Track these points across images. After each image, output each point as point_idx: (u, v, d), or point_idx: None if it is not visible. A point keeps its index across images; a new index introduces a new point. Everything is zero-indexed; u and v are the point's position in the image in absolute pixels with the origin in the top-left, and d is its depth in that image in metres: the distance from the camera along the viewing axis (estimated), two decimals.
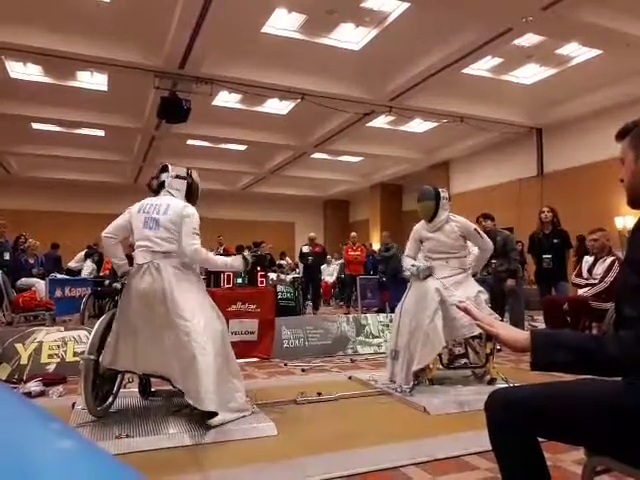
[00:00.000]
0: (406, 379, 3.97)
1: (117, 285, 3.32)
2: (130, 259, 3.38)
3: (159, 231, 3.20)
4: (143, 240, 3.21)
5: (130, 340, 3.11)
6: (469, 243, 4.45)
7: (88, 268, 10.85)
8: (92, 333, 3.19)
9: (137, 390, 3.62)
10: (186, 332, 2.98)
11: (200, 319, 3.06)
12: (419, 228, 4.42)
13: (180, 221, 3.21)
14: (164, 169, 3.43)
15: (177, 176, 3.40)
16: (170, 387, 3.45)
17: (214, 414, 2.93)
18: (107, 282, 3.80)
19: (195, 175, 3.52)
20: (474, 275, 4.52)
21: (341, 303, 12.74)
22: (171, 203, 3.27)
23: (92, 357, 3.05)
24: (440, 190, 4.32)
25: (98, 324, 3.22)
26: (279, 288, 7.27)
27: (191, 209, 3.28)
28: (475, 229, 4.31)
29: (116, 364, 3.15)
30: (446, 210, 4.27)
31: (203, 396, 2.90)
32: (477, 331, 4.00)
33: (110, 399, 3.34)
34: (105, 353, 3.13)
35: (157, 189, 3.41)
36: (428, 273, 4.16)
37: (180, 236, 3.20)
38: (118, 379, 3.44)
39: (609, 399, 1.37)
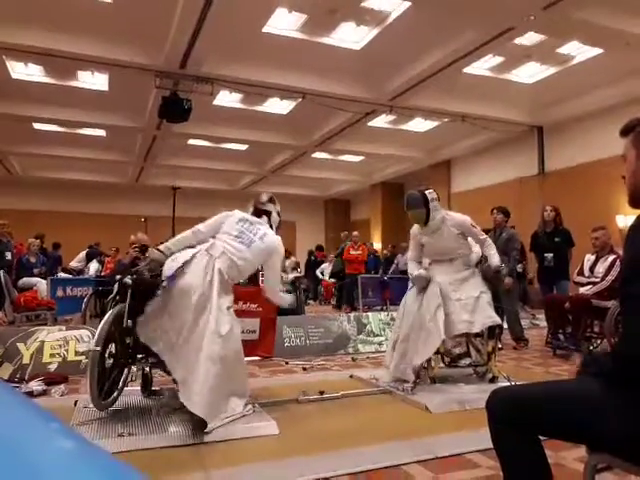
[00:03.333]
0: (396, 369, 4.02)
1: (127, 281, 3.30)
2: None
3: (248, 252, 3.34)
4: (230, 244, 3.32)
5: (158, 317, 3.13)
6: (471, 241, 4.43)
7: (94, 268, 10.87)
8: (100, 325, 3.13)
9: (139, 388, 3.62)
10: (199, 336, 2.99)
11: (225, 325, 3.07)
12: (416, 232, 4.33)
13: (267, 257, 3.44)
14: (272, 201, 3.71)
15: (278, 213, 3.71)
16: (173, 386, 3.45)
17: (205, 424, 2.89)
18: (118, 277, 3.75)
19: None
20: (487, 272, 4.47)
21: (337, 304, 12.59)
22: (267, 232, 3.48)
23: (99, 349, 3.03)
24: (427, 192, 4.10)
25: (107, 316, 3.17)
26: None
27: (281, 245, 3.52)
28: (471, 223, 4.20)
29: (141, 334, 3.16)
30: (438, 210, 4.12)
31: (194, 398, 2.88)
32: (475, 329, 4.01)
33: (115, 394, 3.34)
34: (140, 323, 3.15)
35: (259, 214, 3.61)
36: (424, 284, 4.13)
37: (259, 264, 3.47)
38: (123, 375, 3.44)
39: (610, 397, 1.37)
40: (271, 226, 3.61)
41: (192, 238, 3.43)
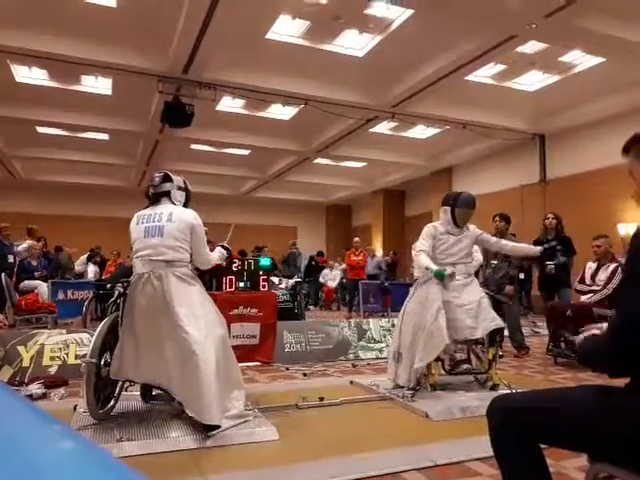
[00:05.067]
0: (408, 380, 3.97)
1: (119, 289, 3.33)
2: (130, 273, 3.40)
3: (164, 239, 3.17)
4: (145, 249, 3.19)
5: (132, 350, 3.12)
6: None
7: (92, 271, 10.92)
8: (94, 336, 3.19)
9: (139, 393, 3.62)
10: (187, 344, 2.97)
11: (202, 329, 3.05)
12: (439, 227, 4.27)
13: (190, 230, 3.23)
14: (167, 179, 3.39)
15: (179, 187, 3.42)
16: None
17: (215, 426, 2.92)
18: (109, 286, 3.81)
19: (188, 185, 3.56)
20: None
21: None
22: (173, 211, 3.26)
23: (94, 361, 3.05)
24: None
25: (100, 327, 3.22)
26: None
27: (198, 217, 3.31)
28: (482, 233, 4.41)
29: (120, 374, 3.16)
30: None
31: (206, 410, 2.89)
32: (478, 334, 4.00)
33: (112, 402, 3.34)
34: (112, 363, 3.15)
35: (157, 198, 3.36)
36: (453, 280, 4.04)
37: (188, 245, 3.23)
38: (120, 382, 3.43)
39: (610, 405, 1.37)
40: (176, 204, 3.36)
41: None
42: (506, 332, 6.06)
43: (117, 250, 11.43)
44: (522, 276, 8.63)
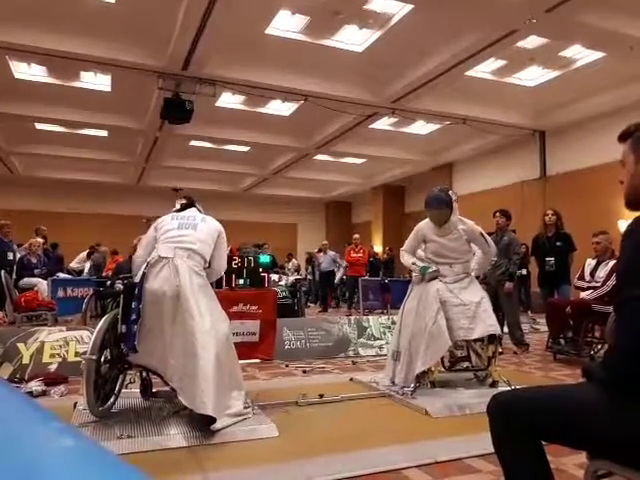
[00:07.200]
0: (405, 379, 3.96)
1: (119, 286, 3.33)
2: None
3: (197, 232, 3.39)
4: (177, 236, 3.33)
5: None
6: (473, 247, 4.42)
7: (87, 268, 10.90)
8: (94, 333, 3.18)
9: (138, 391, 3.62)
10: (190, 331, 3.00)
11: (207, 320, 3.09)
12: (425, 228, 4.25)
13: (216, 236, 3.49)
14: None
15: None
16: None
17: (213, 420, 2.92)
18: (109, 283, 3.80)
19: None
20: (476, 277, 4.48)
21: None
22: (205, 216, 3.58)
23: (94, 358, 3.05)
24: (450, 193, 4.15)
25: (100, 324, 3.21)
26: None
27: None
28: (480, 233, 4.22)
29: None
30: (456, 212, 4.15)
31: (199, 399, 2.89)
32: (475, 335, 3.98)
33: (112, 399, 3.34)
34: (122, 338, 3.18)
35: (188, 206, 3.67)
36: (435, 276, 4.09)
37: (213, 246, 3.45)
38: (120, 379, 3.44)
39: (610, 402, 1.37)
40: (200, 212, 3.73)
41: (140, 262, 3.40)
42: (505, 329, 6.08)
43: (114, 249, 11.37)
44: (525, 272, 8.66)
